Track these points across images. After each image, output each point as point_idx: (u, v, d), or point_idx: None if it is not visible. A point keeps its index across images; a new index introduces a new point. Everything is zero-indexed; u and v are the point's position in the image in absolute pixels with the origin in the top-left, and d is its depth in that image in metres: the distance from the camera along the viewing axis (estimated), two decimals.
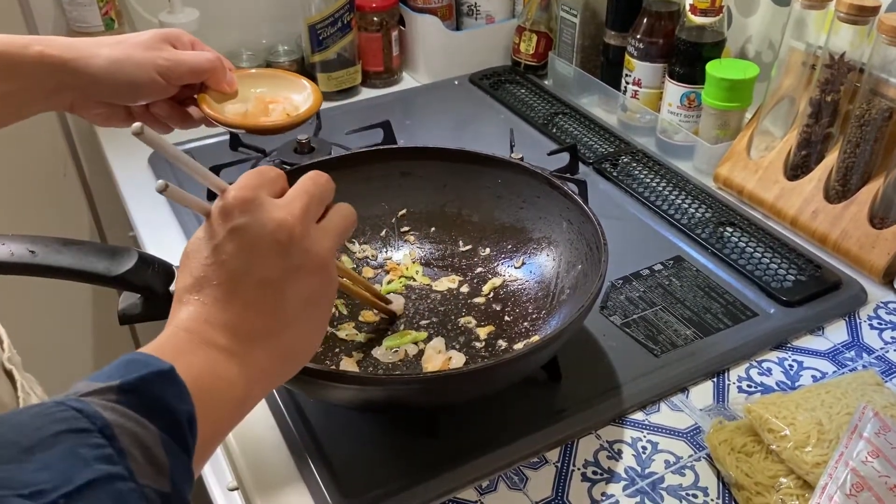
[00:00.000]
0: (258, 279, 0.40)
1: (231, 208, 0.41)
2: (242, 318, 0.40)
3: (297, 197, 0.43)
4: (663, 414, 0.61)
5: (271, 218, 0.41)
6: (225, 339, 0.39)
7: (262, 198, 0.41)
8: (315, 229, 0.43)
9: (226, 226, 0.40)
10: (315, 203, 0.44)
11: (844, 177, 0.76)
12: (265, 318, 0.40)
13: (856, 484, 0.49)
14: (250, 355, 0.40)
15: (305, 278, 0.42)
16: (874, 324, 0.69)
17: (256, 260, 0.40)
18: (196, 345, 0.38)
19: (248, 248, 0.40)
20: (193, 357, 0.38)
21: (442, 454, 0.56)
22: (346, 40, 1.06)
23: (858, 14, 0.72)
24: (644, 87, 0.95)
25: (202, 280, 0.40)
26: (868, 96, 0.72)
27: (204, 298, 0.40)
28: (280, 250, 0.41)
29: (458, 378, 0.50)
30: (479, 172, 0.71)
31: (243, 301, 0.40)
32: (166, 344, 0.38)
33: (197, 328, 0.39)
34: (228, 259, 0.40)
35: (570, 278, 0.64)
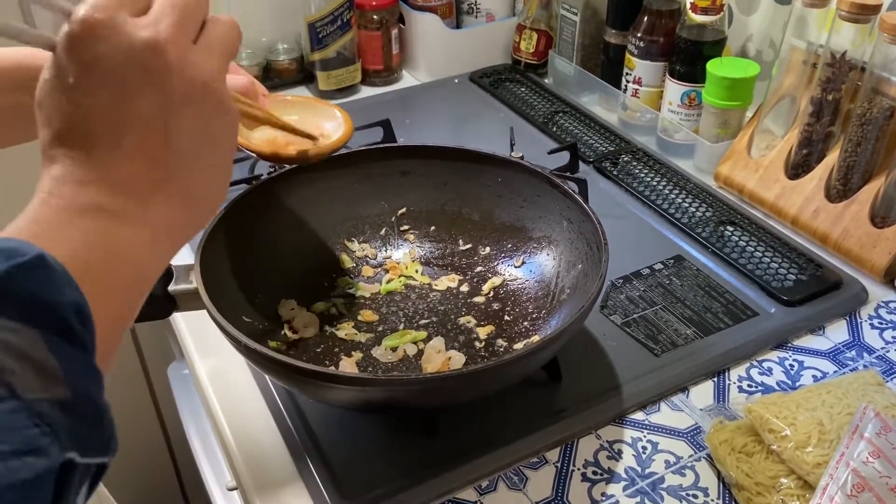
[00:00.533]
0: (135, 119, 0.34)
1: (83, 35, 0.33)
2: (125, 169, 0.34)
3: (164, 12, 0.35)
4: (664, 414, 0.60)
5: (136, 40, 0.33)
6: (108, 198, 0.33)
7: (120, 18, 0.34)
8: (193, 50, 0.36)
9: (81, 58, 0.33)
10: (188, 17, 0.36)
11: (845, 176, 0.75)
12: (152, 165, 0.34)
13: (857, 484, 0.49)
14: (144, 212, 0.34)
15: (191, 109, 0.35)
16: (875, 323, 0.69)
17: (128, 96, 0.33)
18: (72, 213, 0.32)
19: (115, 82, 0.33)
20: (72, 230, 0.32)
21: (441, 454, 0.56)
22: (345, 38, 1.06)
23: (860, 12, 0.71)
24: (644, 85, 0.95)
25: (68, 131, 0.33)
26: (869, 95, 0.72)
27: (74, 154, 0.33)
28: (153, 79, 0.34)
29: (457, 379, 0.50)
30: (479, 171, 0.71)
31: (123, 148, 0.34)
32: (35, 218, 0.32)
33: (69, 192, 0.33)
34: (90, 99, 0.33)
35: (571, 278, 0.64)
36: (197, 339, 0.68)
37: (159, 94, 0.34)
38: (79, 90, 0.33)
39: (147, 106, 0.34)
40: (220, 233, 0.60)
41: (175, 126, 0.35)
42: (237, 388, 0.63)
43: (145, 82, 0.34)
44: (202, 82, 0.35)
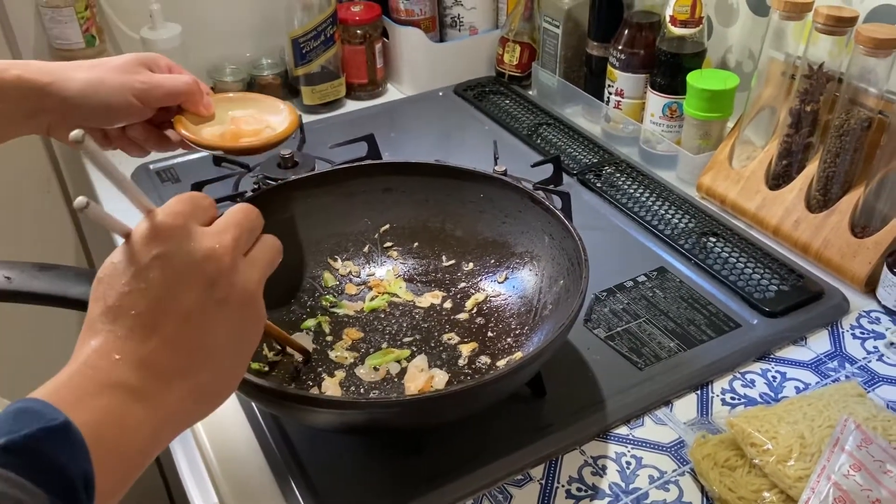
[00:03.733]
0: (180, 312, 0.37)
1: (157, 233, 0.38)
2: (159, 354, 0.37)
3: (228, 228, 0.40)
4: (647, 428, 0.61)
5: (200, 247, 0.38)
6: (136, 377, 0.36)
7: (191, 226, 0.39)
8: (243, 262, 0.41)
9: (150, 251, 0.37)
10: (245, 235, 0.41)
11: (825, 186, 0.76)
12: (183, 355, 0.38)
13: (838, 498, 0.49)
14: (162, 396, 0.37)
15: (231, 313, 0.39)
16: (857, 333, 0.69)
17: (180, 291, 0.37)
18: (101, 385, 0.35)
19: (173, 277, 0.37)
20: (96, 401, 0.34)
21: (426, 473, 0.56)
22: (329, 53, 1.06)
23: (836, 24, 0.72)
24: (626, 97, 0.95)
25: (118, 309, 0.37)
26: (847, 106, 0.72)
27: (118, 330, 0.36)
28: (206, 282, 0.38)
29: (438, 400, 0.50)
30: (461, 187, 0.71)
31: (162, 335, 0.37)
32: (67, 383, 0.35)
33: (104, 364, 0.36)
34: (149, 288, 0.37)
35: (553, 294, 0.64)
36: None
37: (208, 294, 0.38)
38: (138, 277, 0.37)
39: (192, 301, 0.37)
40: None
41: (212, 324, 0.38)
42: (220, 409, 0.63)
43: (199, 283, 0.38)
44: (243, 288, 0.40)
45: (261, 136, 0.65)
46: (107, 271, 0.38)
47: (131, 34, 1.04)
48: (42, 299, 0.51)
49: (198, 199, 0.41)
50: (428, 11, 1.12)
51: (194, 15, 1.07)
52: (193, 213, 0.40)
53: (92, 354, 0.36)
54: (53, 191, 1.14)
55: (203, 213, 0.41)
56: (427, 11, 1.12)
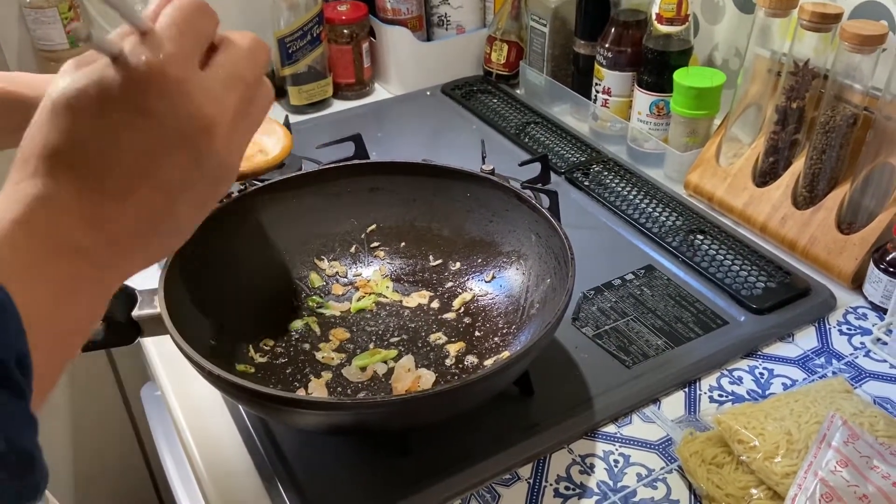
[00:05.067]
0: (154, 179, 0.33)
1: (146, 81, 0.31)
2: (121, 221, 0.32)
3: (232, 85, 0.34)
4: (635, 426, 0.61)
5: (198, 113, 0.33)
6: (92, 242, 0.32)
7: (191, 77, 0.33)
8: (238, 132, 0.35)
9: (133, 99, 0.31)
10: (248, 94, 0.35)
11: (811, 183, 0.76)
12: (147, 225, 0.34)
13: (825, 494, 0.49)
14: (120, 264, 0.34)
15: (208, 186, 0.35)
16: (843, 329, 0.69)
17: (158, 156, 0.32)
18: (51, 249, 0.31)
19: (158, 141, 0.32)
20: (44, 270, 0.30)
21: (413, 473, 0.56)
22: (316, 53, 1.06)
23: (821, 21, 0.72)
24: (614, 95, 0.95)
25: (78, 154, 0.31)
26: (832, 103, 0.73)
27: (76, 180, 0.31)
28: (194, 156, 0.33)
29: (425, 400, 0.49)
30: (448, 186, 0.70)
31: (127, 201, 0.32)
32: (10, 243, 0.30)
33: (57, 221, 0.31)
34: (122, 141, 0.32)
35: (540, 292, 0.64)
36: (166, 363, 0.68)
37: (190, 167, 0.33)
38: (117, 128, 0.32)
39: (173, 173, 0.33)
40: (185, 254, 0.60)
41: (186, 197, 0.34)
42: (207, 410, 0.63)
43: (183, 153, 0.33)
44: (230, 166, 0.35)
45: (252, 161, 0.63)
46: (83, 100, 0.32)
47: None
48: None
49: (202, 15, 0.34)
50: (415, 10, 1.12)
51: None
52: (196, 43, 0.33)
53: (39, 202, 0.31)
54: None
55: (207, 38, 0.34)
56: (414, 10, 1.12)
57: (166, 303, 0.53)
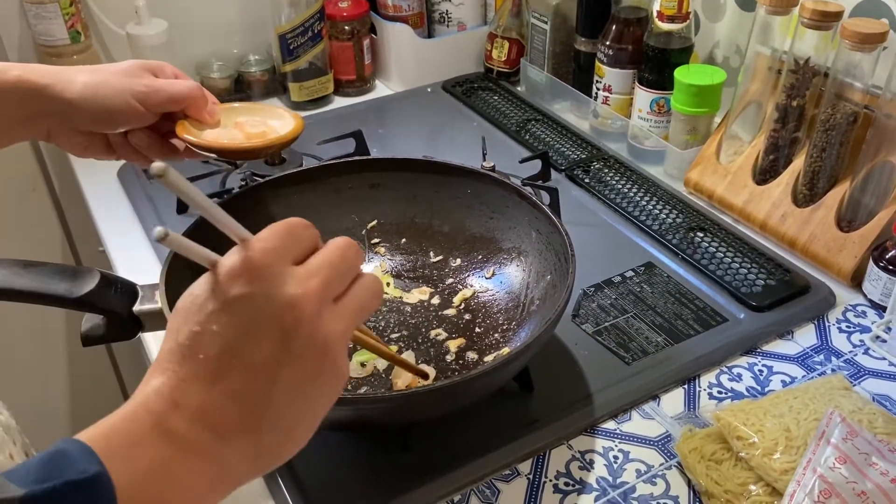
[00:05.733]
0: (249, 363, 0.34)
1: (243, 271, 0.35)
2: (220, 407, 0.34)
3: (319, 270, 0.36)
4: (635, 422, 0.61)
5: (282, 293, 0.35)
6: (192, 429, 0.33)
7: (282, 266, 0.35)
8: (329, 310, 0.36)
9: (230, 290, 0.34)
10: (337, 278, 0.37)
11: (811, 181, 0.76)
12: (246, 411, 0.34)
13: (824, 490, 0.49)
14: (217, 452, 0.34)
15: (303, 367, 0.35)
16: (843, 327, 0.69)
17: (253, 340, 0.34)
18: (153, 433, 0.33)
19: (248, 323, 0.34)
20: (144, 451, 0.32)
21: (413, 469, 0.56)
22: (317, 49, 1.06)
23: (822, 19, 0.72)
24: (614, 93, 0.95)
25: (187, 348, 0.34)
26: (833, 101, 0.73)
27: (182, 372, 0.34)
28: (282, 333, 0.34)
29: (425, 395, 0.50)
30: (448, 183, 0.71)
31: (225, 386, 0.34)
32: (119, 426, 0.33)
33: (162, 409, 0.33)
34: (221, 332, 0.34)
35: (540, 289, 0.64)
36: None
37: (279, 344, 0.34)
38: (213, 318, 0.34)
39: (264, 353, 0.34)
40: None
41: (283, 378, 0.35)
42: None
43: (272, 332, 0.34)
44: (325, 345, 0.36)
45: (265, 137, 0.63)
46: (185, 303, 0.35)
47: (117, 30, 1.03)
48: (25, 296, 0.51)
49: (297, 231, 0.37)
50: (416, 7, 1.12)
51: (180, 11, 1.06)
52: (289, 247, 0.36)
53: (151, 394, 0.34)
54: (39, 189, 1.13)
55: (300, 247, 0.37)
56: (415, 7, 1.12)
57: (167, 297, 0.53)
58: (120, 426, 0.33)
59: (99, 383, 1.33)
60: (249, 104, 0.70)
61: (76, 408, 1.32)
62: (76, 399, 1.32)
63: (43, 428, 0.93)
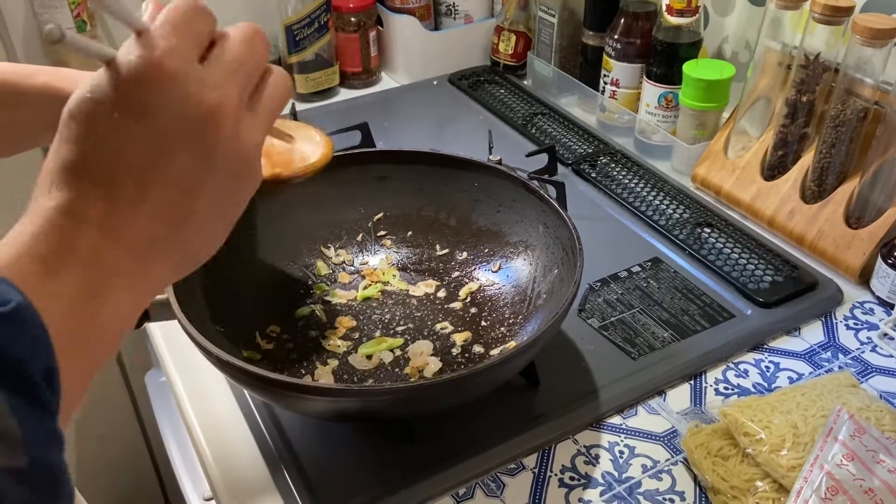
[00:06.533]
0: (169, 180, 0.32)
1: (149, 72, 0.31)
2: (136, 225, 0.31)
3: (232, 70, 0.33)
4: (640, 418, 0.61)
5: (199, 102, 0.32)
6: (109, 249, 0.31)
7: (189, 70, 0.32)
8: (247, 119, 0.34)
9: (137, 98, 0.31)
10: (251, 77, 0.35)
11: (820, 177, 0.76)
12: (165, 226, 0.32)
13: (831, 487, 0.49)
14: (140, 272, 0.32)
15: (226, 180, 0.33)
16: (850, 324, 0.69)
17: (169, 156, 0.31)
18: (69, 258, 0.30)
19: (164, 139, 0.31)
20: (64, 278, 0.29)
21: (418, 461, 0.56)
22: (323, 41, 1.05)
23: (833, 14, 0.72)
24: (622, 87, 0.95)
25: (94, 163, 0.31)
26: (843, 96, 0.72)
27: (92, 189, 0.31)
28: (203, 149, 0.32)
29: (431, 388, 0.49)
30: (455, 176, 0.70)
31: (145, 205, 0.31)
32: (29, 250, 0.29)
33: (73, 230, 0.30)
34: (127, 144, 0.31)
35: (547, 283, 0.64)
36: (172, 349, 0.68)
37: (201, 160, 0.32)
38: (119, 130, 0.31)
39: (183, 169, 0.32)
40: None
41: (205, 194, 0.33)
42: (213, 397, 0.63)
43: (191, 147, 0.32)
44: (245, 154, 0.34)
45: (291, 167, 0.61)
46: (83, 108, 0.31)
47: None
48: None
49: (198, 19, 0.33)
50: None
51: None
52: (193, 42, 0.33)
53: (56, 213, 0.30)
54: None
55: (203, 37, 0.33)
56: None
57: (174, 287, 0.53)
58: (30, 249, 0.30)
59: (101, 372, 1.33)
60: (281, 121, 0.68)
61: None
62: None
63: None
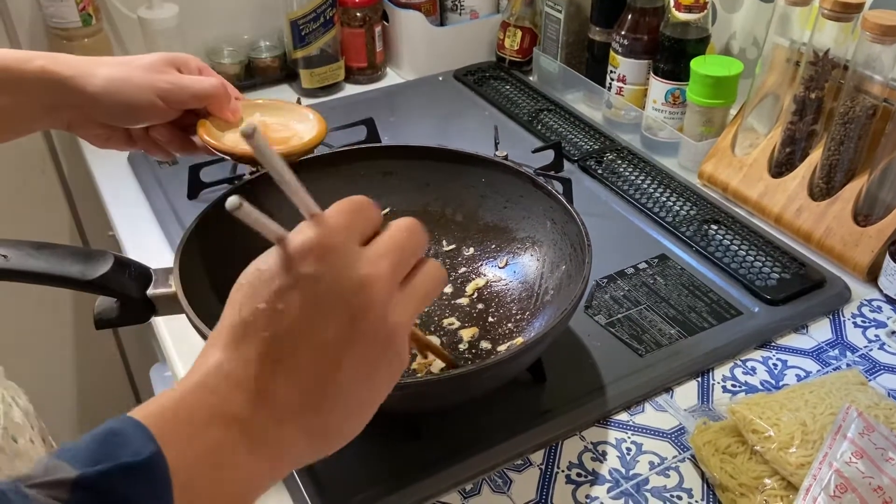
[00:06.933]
0: (314, 344, 0.33)
1: (313, 248, 0.33)
2: (282, 388, 0.33)
3: (388, 251, 0.35)
4: (648, 414, 0.60)
5: (353, 274, 0.34)
6: (251, 410, 0.32)
7: (349, 247, 0.34)
8: (398, 294, 0.35)
9: (299, 268, 0.33)
10: (405, 261, 0.36)
11: (828, 174, 0.76)
12: (309, 391, 0.33)
13: (840, 485, 0.49)
14: (276, 435, 0.33)
15: (370, 350, 0.34)
16: (858, 322, 0.69)
17: (320, 320, 0.33)
18: (212, 414, 0.32)
19: (316, 303, 0.33)
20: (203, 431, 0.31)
21: (425, 457, 0.56)
22: (328, 36, 1.05)
23: (843, 11, 0.71)
24: (629, 83, 0.94)
25: (250, 325, 0.33)
26: (852, 93, 0.72)
27: (244, 349, 0.33)
28: (351, 315, 0.33)
29: (438, 384, 0.49)
30: (462, 171, 0.70)
31: (289, 366, 0.33)
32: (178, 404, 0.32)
33: (223, 388, 0.32)
34: (287, 311, 0.33)
35: (554, 279, 0.63)
36: (178, 343, 0.68)
37: (347, 327, 0.33)
38: (280, 295, 0.33)
39: (331, 334, 0.33)
40: (199, 235, 0.59)
41: (346, 361, 0.34)
42: None
43: (341, 313, 0.33)
44: (392, 328, 0.35)
45: (288, 143, 0.63)
46: (249, 277, 0.34)
47: (128, 14, 1.02)
48: (38, 278, 0.51)
49: (365, 209, 0.36)
50: None
51: None
52: (357, 226, 0.35)
53: (212, 371, 0.33)
54: (48, 172, 1.13)
55: (367, 226, 0.36)
56: None
57: (181, 282, 0.53)
58: (176, 404, 0.31)
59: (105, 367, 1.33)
60: (274, 102, 0.69)
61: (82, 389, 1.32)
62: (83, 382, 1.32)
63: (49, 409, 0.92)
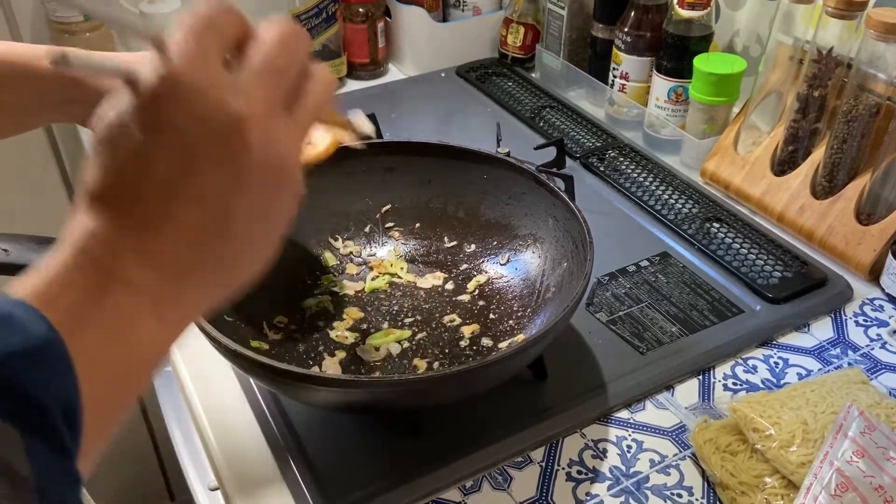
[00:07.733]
0: (193, 195, 0.29)
1: (167, 88, 0.29)
2: (167, 247, 0.30)
3: (262, 77, 0.31)
4: (648, 412, 0.60)
5: (223, 114, 0.29)
6: (141, 273, 0.29)
7: (212, 76, 0.29)
8: (281, 125, 0.31)
9: (157, 116, 0.29)
10: (284, 81, 0.32)
11: (831, 173, 0.75)
12: (198, 246, 0.30)
13: (840, 484, 0.49)
14: (174, 296, 0.30)
15: (259, 194, 0.31)
16: (860, 321, 0.69)
17: (192, 169, 0.29)
18: (102, 285, 0.29)
19: (187, 152, 0.29)
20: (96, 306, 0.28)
21: (425, 454, 0.56)
22: (330, 31, 1.05)
23: (846, 9, 0.71)
24: (631, 80, 0.94)
25: (121, 187, 0.29)
26: (855, 92, 0.72)
27: (117, 213, 0.29)
28: (230, 160, 0.29)
29: (439, 380, 0.49)
30: (464, 168, 0.70)
31: (170, 224, 0.29)
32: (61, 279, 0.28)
33: (107, 258, 0.29)
34: (151, 164, 0.29)
35: (556, 276, 0.63)
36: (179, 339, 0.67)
37: (230, 174, 0.30)
38: (142, 151, 0.29)
39: (212, 185, 0.30)
40: None
41: (237, 209, 0.30)
42: (219, 387, 0.62)
43: (217, 160, 0.29)
44: (280, 164, 0.31)
45: None
46: (106, 134, 0.30)
47: (130, 8, 1.02)
48: None
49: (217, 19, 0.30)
50: None
51: None
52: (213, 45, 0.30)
53: (90, 240, 0.29)
54: (50, 166, 1.13)
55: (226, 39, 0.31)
56: None
57: None
58: (62, 278, 0.28)
59: None
60: None
61: None
62: None
63: None
